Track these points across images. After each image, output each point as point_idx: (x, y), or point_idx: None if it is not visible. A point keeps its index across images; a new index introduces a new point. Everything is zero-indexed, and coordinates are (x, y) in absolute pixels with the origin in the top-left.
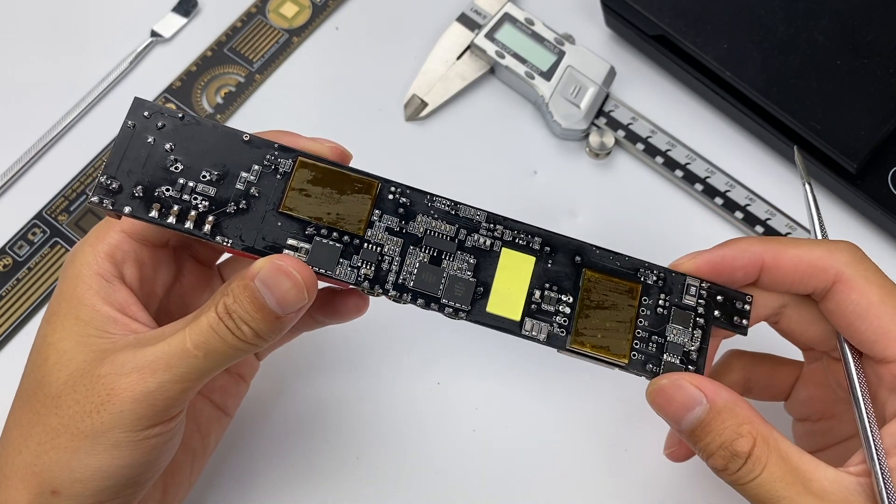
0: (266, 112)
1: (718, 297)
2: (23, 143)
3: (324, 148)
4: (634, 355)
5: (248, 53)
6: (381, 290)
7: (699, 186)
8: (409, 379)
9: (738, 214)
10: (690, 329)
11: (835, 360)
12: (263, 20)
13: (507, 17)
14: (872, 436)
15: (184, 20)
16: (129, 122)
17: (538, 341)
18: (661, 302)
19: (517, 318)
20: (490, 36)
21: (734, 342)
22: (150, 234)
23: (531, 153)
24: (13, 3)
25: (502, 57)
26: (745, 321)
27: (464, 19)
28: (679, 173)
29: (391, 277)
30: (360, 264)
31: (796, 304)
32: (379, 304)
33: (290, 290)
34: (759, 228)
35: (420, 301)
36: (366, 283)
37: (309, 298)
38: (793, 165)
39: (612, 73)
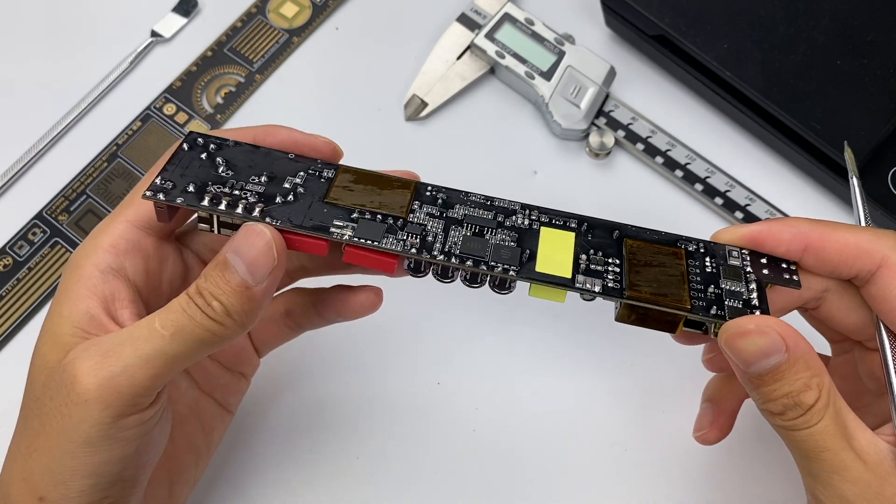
0: (266, 112)
1: (763, 260)
2: (23, 143)
3: (318, 142)
4: (695, 302)
5: (248, 53)
6: (428, 255)
7: (699, 186)
8: (409, 379)
9: (738, 214)
10: (744, 283)
11: (868, 350)
12: (263, 20)
13: (507, 17)
14: None
15: (184, 20)
16: (185, 146)
17: (593, 293)
18: (707, 263)
19: (568, 275)
20: (490, 36)
21: None
22: (155, 222)
23: (531, 153)
24: (13, 3)
25: (502, 57)
26: (795, 277)
27: (464, 19)
28: (679, 173)
29: (437, 246)
30: (405, 237)
31: (839, 289)
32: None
33: (260, 251)
34: None
35: (468, 263)
36: (413, 251)
37: (278, 260)
38: (793, 166)
39: (612, 73)
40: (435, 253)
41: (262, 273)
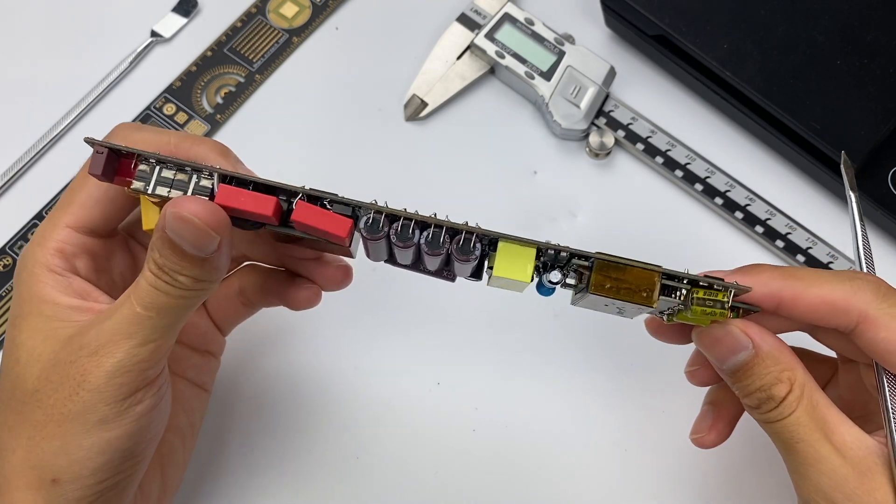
0: (266, 112)
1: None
2: (23, 143)
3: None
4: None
5: (248, 53)
6: (388, 208)
7: (699, 186)
8: (409, 379)
9: (739, 214)
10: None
11: (869, 366)
12: (263, 20)
13: (507, 17)
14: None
15: (184, 20)
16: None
17: (566, 249)
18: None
19: (533, 248)
20: (490, 36)
21: None
22: (97, 223)
23: (531, 153)
24: (13, 3)
25: (502, 57)
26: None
27: (464, 19)
28: (679, 173)
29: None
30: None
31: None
32: (378, 303)
33: (195, 233)
34: (759, 228)
35: (431, 215)
36: (373, 200)
37: (221, 235)
38: (793, 166)
39: (612, 73)
40: (395, 207)
41: (210, 248)
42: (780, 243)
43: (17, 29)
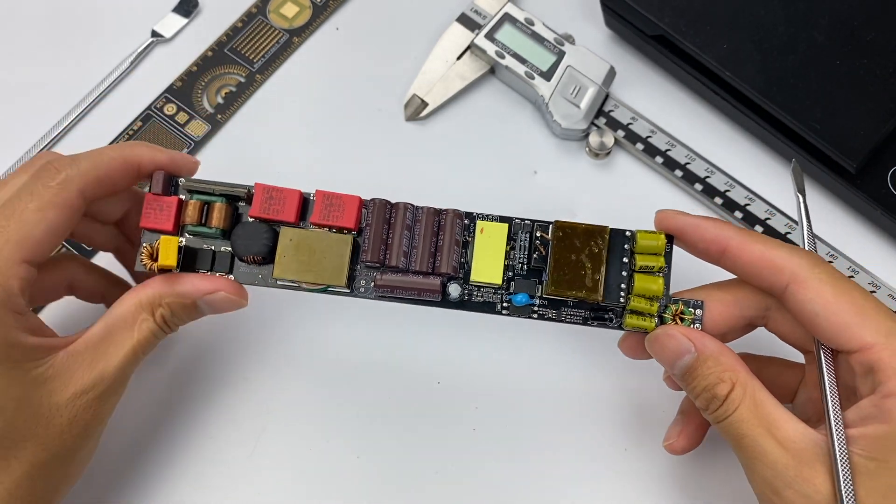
0: (267, 112)
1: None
2: (23, 143)
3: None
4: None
5: (248, 53)
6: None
7: (699, 186)
8: (409, 379)
9: (738, 214)
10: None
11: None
12: (264, 20)
13: (507, 18)
14: (833, 409)
15: (184, 20)
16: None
17: (532, 219)
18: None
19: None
20: (490, 36)
21: (742, 345)
22: (47, 256)
23: (531, 153)
24: (13, 3)
25: (502, 57)
26: (699, 311)
27: (464, 19)
28: (679, 173)
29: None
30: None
31: (779, 307)
32: (377, 302)
33: (230, 306)
34: (759, 228)
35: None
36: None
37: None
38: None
39: (611, 73)
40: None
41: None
42: None
43: (18, 29)
